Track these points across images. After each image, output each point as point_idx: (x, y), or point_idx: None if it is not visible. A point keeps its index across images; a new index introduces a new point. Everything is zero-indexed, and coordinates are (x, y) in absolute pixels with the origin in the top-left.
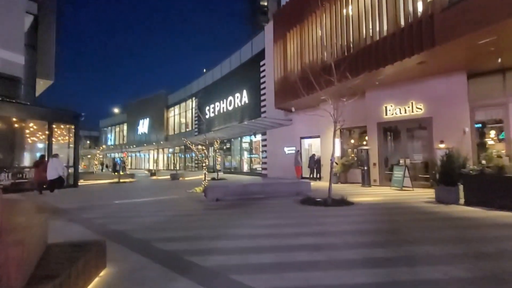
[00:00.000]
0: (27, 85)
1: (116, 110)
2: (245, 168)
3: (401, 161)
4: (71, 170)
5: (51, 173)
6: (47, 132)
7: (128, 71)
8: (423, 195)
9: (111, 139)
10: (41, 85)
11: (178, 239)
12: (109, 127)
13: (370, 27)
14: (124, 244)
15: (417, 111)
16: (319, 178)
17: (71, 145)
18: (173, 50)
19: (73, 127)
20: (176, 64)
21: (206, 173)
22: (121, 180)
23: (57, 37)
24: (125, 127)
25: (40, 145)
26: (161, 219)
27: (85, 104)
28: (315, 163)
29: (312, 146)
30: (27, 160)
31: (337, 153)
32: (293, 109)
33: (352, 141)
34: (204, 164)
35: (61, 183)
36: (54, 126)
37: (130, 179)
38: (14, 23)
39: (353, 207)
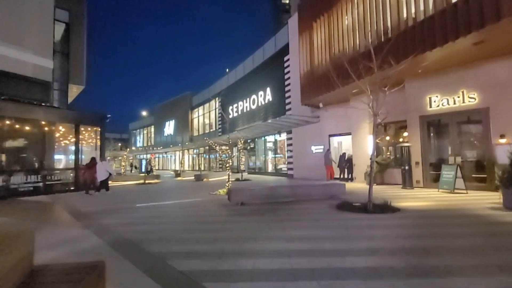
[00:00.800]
0: (60, 90)
1: (144, 113)
2: (270, 168)
3: (450, 159)
4: None
5: (101, 174)
6: (74, 135)
7: (156, 75)
8: (483, 199)
9: (139, 141)
10: (74, 91)
11: (197, 255)
12: (138, 130)
13: (413, 5)
14: (134, 260)
15: (469, 101)
16: (351, 179)
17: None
18: (198, 53)
19: (99, 129)
20: (201, 65)
21: (230, 174)
22: (146, 181)
23: (88, 43)
24: (152, 129)
25: (69, 148)
26: (180, 227)
27: (116, 108)
28: (346, 163)
29: (342, 144)
30: (62, 162)
31: (372, 151)
32: (321, 105)
33: (387, 137)
34: (227, 165)
35: (106, 184)
36: (81, 128)
37: (156, 180)
38: (44, 30)
39: (400, 215)
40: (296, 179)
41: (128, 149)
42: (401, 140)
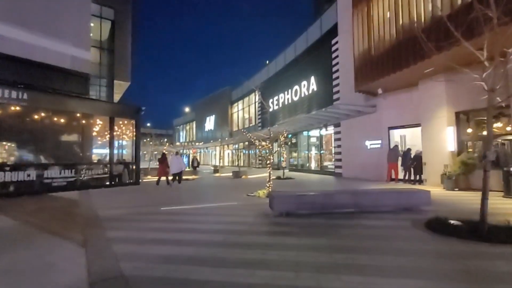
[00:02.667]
0: (107, 87)
1: (186, 109)
2: (313, 165)
3: None
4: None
5: (175, 168)
6: (109, 127)
7: (200, 71)
8: None
9: (182, 137)
10: (121, 87)
11: None
12: (181, 125)
13: None
14: None
15: None
16: (419, 181)
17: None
18: (239, 48)
19: (133, 121)
20: (241, 60)
21: (271, 172)
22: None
23: (133, 41)
24: (194, 124)
25: (105, 141)
26: (200, 253)
27: (162, 105)
28: (412, 161)
29: (405, 138)
30: (104, 156)
31: (451, 147)
32: (379, 91)
33: (470, 130)
34: (268, 162)
35: (180, 177)
36: (119, 121)
37: (194, 176)
38: (81, 23)
39: None
40: (346, 179)
41: (167, 144)
42: (484, 133)
